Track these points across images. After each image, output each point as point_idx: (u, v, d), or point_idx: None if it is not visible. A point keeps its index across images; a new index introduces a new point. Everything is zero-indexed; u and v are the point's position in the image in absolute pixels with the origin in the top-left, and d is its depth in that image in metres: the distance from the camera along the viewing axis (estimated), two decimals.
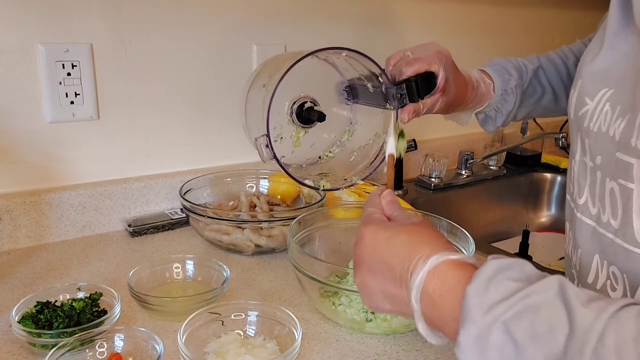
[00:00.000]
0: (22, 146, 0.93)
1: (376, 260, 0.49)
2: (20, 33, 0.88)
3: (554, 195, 1.51)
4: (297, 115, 0.78)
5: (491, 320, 0.39)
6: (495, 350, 0.39)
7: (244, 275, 0.87)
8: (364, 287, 0.51)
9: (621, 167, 0.50)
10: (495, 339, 0.39)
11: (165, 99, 1.04)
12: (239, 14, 1.08)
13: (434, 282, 0.44)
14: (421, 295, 0.45)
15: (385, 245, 0.49)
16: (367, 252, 0.51)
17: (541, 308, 0.38)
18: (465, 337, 0.40)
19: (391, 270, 0.48)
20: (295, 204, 1.10)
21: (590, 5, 1.71)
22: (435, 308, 0.44)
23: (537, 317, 0.38)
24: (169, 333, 0.69)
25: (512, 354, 0.38)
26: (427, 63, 0.72)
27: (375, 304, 0.51)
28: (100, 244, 0.96)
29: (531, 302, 0.38)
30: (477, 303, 0.40)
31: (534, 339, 0.37)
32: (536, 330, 0.37)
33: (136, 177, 1.04)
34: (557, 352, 0.36)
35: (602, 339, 0.35)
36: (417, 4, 1.32)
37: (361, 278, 0.51)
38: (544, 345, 0.37)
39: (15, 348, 0.66)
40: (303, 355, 0.67)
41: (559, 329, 0.37)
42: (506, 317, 0.39)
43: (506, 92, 0.83)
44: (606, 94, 0.54)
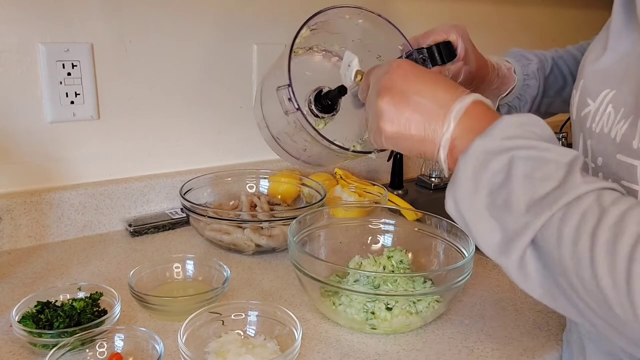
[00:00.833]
0: (22, 146, 0.93)
1: (415, 85, 0.52)
2: (21, 33, 0.88)
3: None
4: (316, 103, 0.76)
5: (505, 147, 0.44)
6: (489, 172, 0.44)
7: (245, 275, 0.87)
8: (392, 108, 0.52)
9: (623, 169, 0.50)
10: (495, 164, 0.44)
11: (166, 98, 1.04)
12: (239, 14, 1.08)
13: (475, 110, 0.49)
14: (459, 119, 0.49)
15: (426, 75, 0.53)
16: (402, 78, 0.53)
17: (549, 163, 0.42)
18: (478, 146, 0.45)
19: (433, 94, 0.51)
20: (296, 204, 1.10)
21: (590, 4, 1.71)
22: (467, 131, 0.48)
23: (540, 167, 0.42)
24: (170, 333, 0.70)
25: (499, 183, 0.43)
26: (444, 32, 0.73)
27: (395, 126, 0.52)
28: (101, 243, 0.96)
29: (545, 155, 0.43)
30: (503, 129, 0.45)
31: (525, 178, 0.42)
32: (532, 174, 0.42)
33: (136, 177, 1.04)
34: (537, 196, 0.41)
35: (580, 199, 0.40)
36: (418, 3, 1.32)
37: (391, 99, 0.52)
38: (529, 187, 0.42)
39: (15, 348, 0.66)
40: (303, 355, 0.67)
41: (551, 181, 0.42)
42: (517, 154, 0.43)
43: (528, 76, 0.83)
44: (608, 95, 0.54)
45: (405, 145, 0.53)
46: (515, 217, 0.42)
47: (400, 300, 0.70)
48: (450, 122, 0.49)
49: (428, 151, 0.52)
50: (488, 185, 0.44)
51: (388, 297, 0.69)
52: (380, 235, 0.88)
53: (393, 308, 0.70)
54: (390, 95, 0.53)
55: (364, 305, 0.71)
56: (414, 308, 0.71)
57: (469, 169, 0.45)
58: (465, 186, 0.46)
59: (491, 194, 0.44)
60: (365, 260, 0.79)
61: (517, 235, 0.42)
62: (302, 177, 1.09)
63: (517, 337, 0.72)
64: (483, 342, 0.71)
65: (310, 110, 0.76)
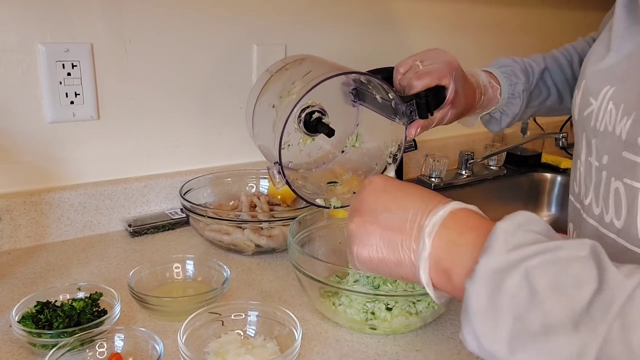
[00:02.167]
0: (22, 146, 0.93)
1: (384, 202, 0.47)
2: (21, 33, 0.88)
3: (554, 195, 1.51)
4: (305, 124, 0.76)
5: (514, 261, 0.37)
6: (508, 293, 0.37)
7: (244, 275, 0.87)
8: (361, 230, 0.47)
9: (628, 166, 0.50)
10: (511, 282, 0.37)
11: (166, 99, 1.04)
12: (239, 14, 1.08)
13: (454, 221, 0.43)
14: (436, 234, 0.43)
15: (398, 189, 0.48)
16: (374, 195, 0.48)
17: (571, 263, 0.36)
18: (483, 267, 0.38)
19: (403, 210, 0.46)
20: (296, 204, 1.10)
21: (590, 5, 1.71)
22: (451, 246, 0.42)
23: (564, 271, 0.36)
24: (169, 333, 0.69)
25: (526, 301, 0.36)
26: (437, 77, 0.71)
27: (367, 250, 0.47)
28: (101, 244, 0.96)
29: (561, 255, 0.37)
30: (504, 240, 0.39)
31: (556, 291, 0.35)
32: (561, 283, 0.36)
33: (136, 177, 1.04)
34: (579, 307, 0.35)
35: (632, 299, 0.34)
36: (419, 4, 1.32)
37: (360, 220, 0.48)
38: (566, 299, 0.35)
39: (15, 348, 0.66)
40: (303, 355, 0.67)
41: (587, 285, 0.35)
42: (530, 264, 0.37)
43: (513, 95, 0.83)
44: (608, 92, 0.55)
45: (383, 270, 0.47)
46: (563, 341, 0.35)
47: (400, 301, 0.70)
48: (425, 240, 0.43)
49: (409, 274, 0.45)
50: (511, 310, 0.37)
51: (388, 297, 0.69)
52: None
53: (393, 308, 0.70)
54: (359, 216, 0.48)
55: (364, 305, 0.71)
56: (414, 308, 0.71)
57: (482, 296, 0.38)
58: (483, 318, 0.38)
59: (519, 319, 0.36)
60: None
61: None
62: None
63: None
64: None
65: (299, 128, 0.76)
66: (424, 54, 0.75)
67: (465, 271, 0.41)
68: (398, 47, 1.28)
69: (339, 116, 0.79)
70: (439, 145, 1.45)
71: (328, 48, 1.20)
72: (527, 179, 1.51)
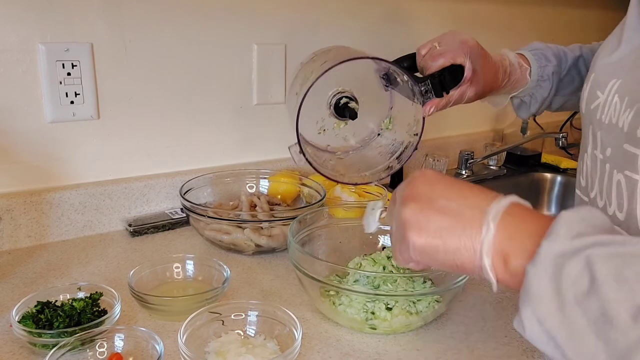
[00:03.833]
0: (22, 146, 0.93)
1: (441, 191, 0.46)
2: (21, 32, 0.88)
3: (554, 195, 1.51)
4: (335, 109, 0.80)
5: (577, 248, 0.37)
6: (569, 279, 0.37)
7: (245, 275, 0.87)
8: (419, 216, 0.46)
9: (628, 158, 0.51)
10: (572, 268, 0.37)
11: (166, 98, 1.04)
12: (239, 13, 1.08)
13: (517, 211, 0.43)
14: (500, 219, 0.42)
15: (453, 181, 0.48)
16: (429, 185, 0.47)
17: (635, 258, 0.36)
18: (546, 251, 0.38)
19: (463, 198, 0.45)
20: (296, 204, 1.10)
21: (593, 3, 1.71)
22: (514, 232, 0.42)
23: (629, 265, 0.36)
24: (170, 333, 0.70)
25: (584, 291, 0.36)
26: (451, 57, 0.72)
27: (425, 236, 0.45)
28: (101, 243, 0.96)
29: (626, 250, 0.36)
30: (568, 228, 0.39)
31: (618, 282, 0.35)
32: (623, 275, 0.35)
33: (136, 176, 1.04)
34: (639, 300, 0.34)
35: None
36: (421, 2, 1.32)
37: (417, 206, 0.46)
38: (626, 291, 0.35)
39: (15, 348, 0.66)
40: (303, 355, 0.67)
41: None
42: (593, 252, 0.37)
43: (542, 78, 0.83)
44: (615, 85, 0.55)
45: (438, 258, 0.45)
46: (621, 332, 0.34)
47: (400, 300, 0.70)
48: (489, 224, 0.42)
49: (467, 262, 0.44)
50: (573, 295, 0.37)
51: (388, 297, 0.69)
52: (380, 235, 0.88)
53: (393, 308, 0.70)
54: (415, 202, 0.47)
55: (364, 305, 0.71)
56: (414, 308, 0.71)
57: (546, 279, 0.38)
58: (548, 301, 0.38)
59: (579, 305, 0.36)
60: (364, 261, 0.79)
61: (631, 353, 0.34)
62: (301, 177, 1.09)
63: (517, 337, 0.72)
64: (483, 342, 0.71)
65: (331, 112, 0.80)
66: (442, 37, 0.76)
67: (526, 255, 0.40)
68: (401, 46, 1.28)
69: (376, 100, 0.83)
70: (439, 144, 1.45)
71: None
72: (527, 179, 1.51)
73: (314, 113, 0.79)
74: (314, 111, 0.79)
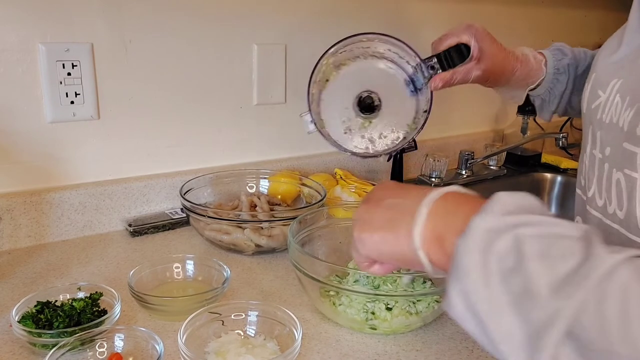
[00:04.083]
0: (22, 146, 0.93)
1: (391, 193, 0.49)
2: (21, 32, 0.88)
3: (554, 195, 1.51)
4: (359, 106, 0.85)
5: (508, 224, 0.38)
6: (497, 254, 0.37)
7: (245, 275, 0.87)
8: (365, 214, 0.49)
9: (627, 156, 0.51)
10: (501, 244, 0.37)
11: (166, 98, 1.04)
12: (239, 14, 1.08)
13: (453, 197, 0.44)
14: (433, 204, 0.44)
15: (406, 185, 0.51)
16: (383, 190, 0.51)
17: (562, 239, 0.37)
18: (477, 225, 0.39)
19: (407, 197, 0.47)
20: (296, 204, 1.10)
21: (591, 4, 1.71)
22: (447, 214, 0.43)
23: (554, 244, 0.36)
24: (170, 333, 0.70)
25: (511, 266, 0.37)
26: (456, 36, 0.77)
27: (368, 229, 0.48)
28: (101, 243, 0.96)
29: (555, 230, 0.37)
30: (501, 205, 0.39)
31: (542, 258, 0.36)
32: (548, 253, 0.36)
33: (136, 176, 1.04)
34: (561, 274, 0.35)
35: (612, 273, 0.34)
36: (420, 3, 1.32)
37: (366, 207, 0.50)
38: (550, 266, 0.35)
39: (15, 348, 0.66)
40: (303, 355, 0.67)
41: (572, 257, 0.35)
42: (523, 231, 0.37)
43: (558, 70, 0.83)
44: (616, 85, 0.55)
45: (384, 250, 0.47)
46: (539, 305, 0.35)
47: (400, 301, 0.70)
48: (421, 209, 0.44)
49: (406, 249, 0.45)
50: (499, 270, 0.37)
51: (388, 297, 0.69)
52: None
53: (393, 308, 0.70)
54: (366, 204, 0.50)
55: (364, 305, 0.71)
56: (414, 308, 0.71)
57: (474, 253, 0.38)
58: (475, 274, 0.38)
59: (504, 280, 0.37)
60: None
61: (546, 326, 0.34)
62: (302, 177, 1.09)
63: None
64: None
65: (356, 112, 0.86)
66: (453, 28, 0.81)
67: (458, 233, 0.40)
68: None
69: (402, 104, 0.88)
70: (439, 145, 1.45)
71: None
72: (527, 179, 1.51)
73: (340, 113, 0.84)
74: (341, 111, 0.84)
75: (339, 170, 1.17)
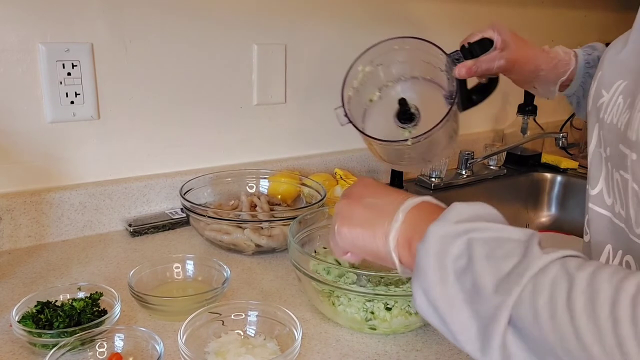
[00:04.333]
0: (22, 146, 0.93)
1: (371, 191, 0.55)
2: (21, 32, 0.88)
3: (554, 195, 1.51)
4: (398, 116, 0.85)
5: (460, 231, 0.43)
6: (452, 256, 0.43)
7: (244, 275, 0.87)
8: (346, 208, 0.54)
9: (622, 158, 0.51)
10: (455, 248, 0.43)
11: (166, 98, 1.04)
12: (239, 13, 1.08)
13: (426, 206, 0.50)
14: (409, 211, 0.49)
15: (385, 185, 0.57)
16: (363, 186, 0.56)
17: (507, 242, 0.42)
18: (433, 232, 0.44)
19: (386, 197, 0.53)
20: (296, 204, 1.10)
21: (591, 5, 1.71)
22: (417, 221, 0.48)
23: (499, 247, 0.41)
24: (170, 333, 0.70)
25: (463, 267, 0.42)
26: (480, 32, 0.81)
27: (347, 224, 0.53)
28: (101, 243, 0.96)
29: (502, 235, 0.42)
30: (456, 214, 0.45)
31: (487, 259, 0.41)
32: (493, 254, 0.41)
33: (136, 176, 1.04)
34: (502, 274, 0.40)
35: (545, 269, 0.38)
36: (420, 4, 1.32)
37: (347, 201, 0.55)
38: (493, 267, 0.40)
39: (15, 348, 0.66)
40: (303, 355, 0.67)
41: (512, 258, 0.40)
42: (474, 236, 0.42)
43: (589, 64, 0.83)
44: (620, 86, 0.55)
45: (359, 244, 0.52)
46: (486, 300, 0.40)
47: (400, 301, 0.70)
48: (399, 214, 0.49)
49: (380, 247, 0.50)
50: (453, 271, 0.42)
51: (387, 297, 0.69)
52: None
53: (392, 308, 0.70)
54: (347, 199, 0.55)
55: (364, 305, 0.71)
56: (414, 308, 0.71)
57: (431, 256, 0.43)
58: (431, 274, 0.43)
59: (458, 279, 0.42)
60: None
61: (493, 319, 0.39)
62: (302, 177, 1.09)
63: None
64: None
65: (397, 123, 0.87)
66: None
67: (421, 238, 0.46)
68: None
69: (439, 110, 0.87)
70: None
71: (329, 48, 1.20)
72: (527, 179, 1.51)
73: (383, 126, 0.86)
74: (382, 124, 0.86)
75: (339, 170, 1.17)
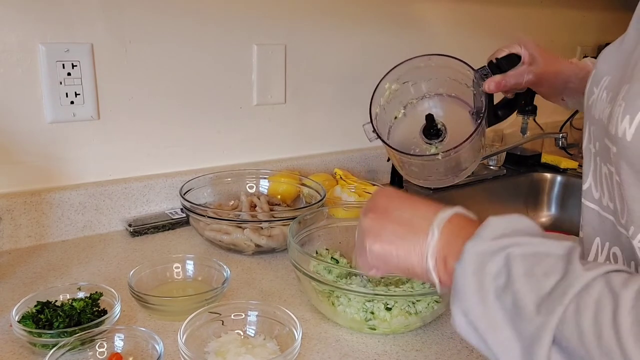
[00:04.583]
0: (22, 146, 0.93)
1: (397, 203, 0.52)
2: (21, 33, 0.88)
3: (553, 195, 1.51)
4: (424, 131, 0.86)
5: (498, 247, 0.42)
6: (490, 274, 0.41)
7: (244, 275, 0.87)
8: (376, 224, 0.52)
9: (607, 151, 0.52)
10: (493, 265, 0.41)
11: (166, 99, 1.04)
12: (239, 14, 1.08)
13: (458, 220, 0.48)
14: (443, 227, 0.48)
15: (408, 196, 0.54)
16: (386, 198, 0.54)
17: (547, 258, 0.40)
18: (469, 250, 0.43)
19: (414, 209, 0.51)
20: (296, 204, 1.10)
21: (590, 5, 1.71)
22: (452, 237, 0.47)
23: (539, 263, 0.40)
24: (169, 333, 0.70)
25: (502, 286, 0.41)
26: (507, 47, 0.81)
27: (380, 242, 0.51)
28: (101, 243, 0.96)
29: (540, 250, 0.41)
30: (492, 230, 0.43)
31: (527, 277, 0.40)
32: (533, 272, 0.40)
33: (136, 177, 1.04)
34: (543, 292, 0.39)
35: (588, 287, 0.37)
36: (421, 4, 1.32)
37: (375, 216, 0.52)
38: (534, 285, 0.39)
39: (15, 348, 0.66)
40: (303, 355, 0.67)
41: (553, 275, 0.39)
42: (512, 252, 0.41)
43: None
44: (605, 82, 0.56)
45: (392, 262, 0.51)
46: (528, 320, 0.38)
47: (400, 301, 0.70)
48: (434, 231, 0.48)
49: (416, 265, 0.49)
50: (492, 290, 0.41)
51: (387, 297, 0.69)
52: None
53: (392, 308, 0.70)
54: (373, 213, 0.53)
55: (363, 305, 0.71)
56: (413, 308, 0.71)
57: (469, 275, 0.42)
58: (471, 294, 0.42)
59: (498, 298, 0.41)
60: None
61: (536, 339, 0.38)
62: (301, 177, 1.09)
63: None
64: None
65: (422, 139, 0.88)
66: None
67: (457, 256, 0.44)
68: (400, 47, 1.28)
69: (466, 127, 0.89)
70: None
71: (329, 48, 1.21)
72: (527, 179, 1.51)
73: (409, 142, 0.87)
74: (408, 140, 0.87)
75: (339, 170, 1.17)
